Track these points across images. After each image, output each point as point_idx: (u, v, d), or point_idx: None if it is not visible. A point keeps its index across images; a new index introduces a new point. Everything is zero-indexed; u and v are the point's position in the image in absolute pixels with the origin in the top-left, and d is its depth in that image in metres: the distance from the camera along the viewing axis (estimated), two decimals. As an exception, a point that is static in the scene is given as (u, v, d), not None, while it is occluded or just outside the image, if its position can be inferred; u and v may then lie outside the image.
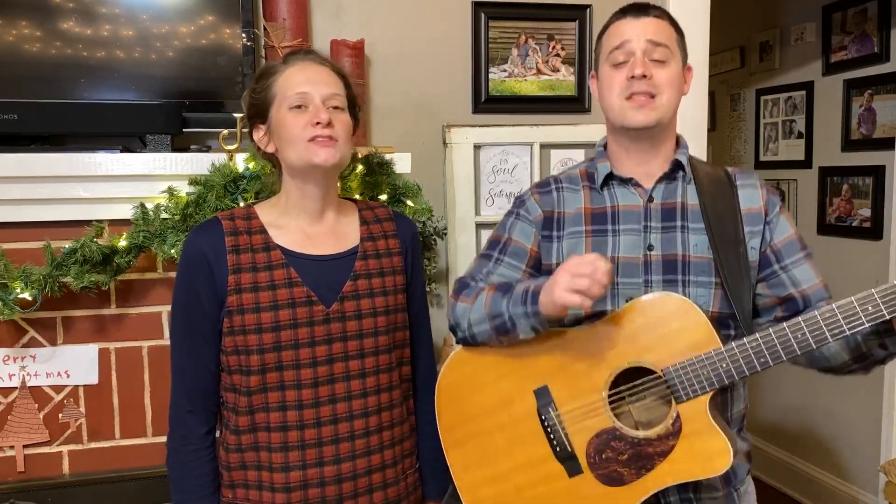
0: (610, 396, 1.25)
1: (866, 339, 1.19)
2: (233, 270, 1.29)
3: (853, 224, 3.04)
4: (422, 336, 1.49)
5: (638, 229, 1.31)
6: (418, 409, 1.48)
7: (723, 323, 1.26)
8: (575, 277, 1.14)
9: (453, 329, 1.38)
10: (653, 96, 1.27)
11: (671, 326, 1.21)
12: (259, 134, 1.35)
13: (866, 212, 2.96)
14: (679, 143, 1.37)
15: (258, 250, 1.31)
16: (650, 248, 1.30)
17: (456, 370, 1.38)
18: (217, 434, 1.38)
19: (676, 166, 1.33)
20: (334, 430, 1.31)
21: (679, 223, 1.31)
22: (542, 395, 1.30)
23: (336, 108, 1.31)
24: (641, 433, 1.22)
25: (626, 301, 1.27)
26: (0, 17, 1.69)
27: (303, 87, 1.29)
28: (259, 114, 1.34)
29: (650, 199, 1.32)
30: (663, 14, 1.32)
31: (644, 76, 1.26)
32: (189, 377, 1.33)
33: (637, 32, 1.29)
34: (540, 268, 1.38)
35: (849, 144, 3.07)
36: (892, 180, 2.82)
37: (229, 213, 1.36)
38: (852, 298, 1.10)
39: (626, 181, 1.34)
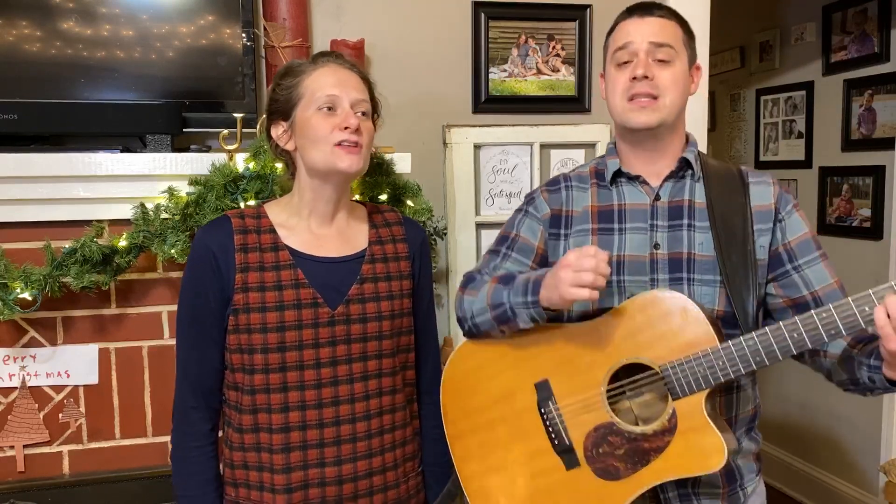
0: (609, 392, 1.26)
1: (859, 363, 1.19)
2: (240, 269, 1.29)
3: (853, 224, 3.04)
4: (429, 341, 1.49)
5: (644, 228, 1.32)
6: (423, 413, 1.48)
7: (728, 322, 1.26)
8: (578, 272, 1.15)
9: (460, 321, 1.40)
10: (655, 97, 1.27)
11: (670, 324, 1.22)
12: (278, 131, 1.34)
13: (866, 212, 2.96)
14: (688, 141, 1.37)
15: (266, 250, 1.31)
16: (656, 246, 1.30)
17: (460, 365, 1.40)
18: (220, 433, 1.38)
19: (683, 164, 1.33)
20: (336, 431, 1.31)
21: (686, 221, 1.31)
22: (543, 388, 1.31)
23: (363, 114, 1.31)
24: (638, 428, 1.23)
25: None
26: (0, 17, 1.69)
27: (333, 89, 1.29)
28: (281, 111, 1.33)
29: (657, 198, 1.33)
30: (669, 14, 1.32)
31: (646, 77, 1.26)
32: (194, 373, 1.34)
33: (641, 33, 1.29)
34: (546, 265, 1.38)
35: (849, 144, 3.07)
36: (892, 180, 2.82)
37: (239, 212, 1.36)
38: (850, 299, 1.10)
39: (634, 178, 1.35)
